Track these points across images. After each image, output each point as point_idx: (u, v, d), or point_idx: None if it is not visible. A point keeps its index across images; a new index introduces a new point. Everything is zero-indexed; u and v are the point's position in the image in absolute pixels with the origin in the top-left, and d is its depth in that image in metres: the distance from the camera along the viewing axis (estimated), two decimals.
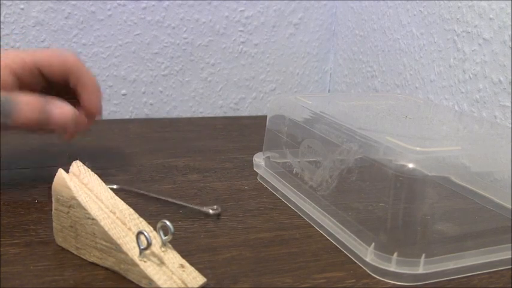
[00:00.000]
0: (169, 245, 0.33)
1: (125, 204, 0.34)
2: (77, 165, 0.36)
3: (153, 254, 0.31)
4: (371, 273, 0.34)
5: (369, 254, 0.34)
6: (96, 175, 0.36)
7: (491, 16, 0.53)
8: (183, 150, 0.60)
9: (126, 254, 0.31)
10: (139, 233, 0.31)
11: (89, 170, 0.36)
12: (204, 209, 0.42)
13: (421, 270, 0.33)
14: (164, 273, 0.31)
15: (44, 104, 0.41)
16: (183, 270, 0.31)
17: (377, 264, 0.34)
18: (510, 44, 0.51)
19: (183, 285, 0.30)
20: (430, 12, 0.63)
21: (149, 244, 0.31)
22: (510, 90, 0.51)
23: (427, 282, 0.34)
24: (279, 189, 0.46)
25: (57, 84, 0.45)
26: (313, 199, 0.42)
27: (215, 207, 0.42)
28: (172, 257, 0.32)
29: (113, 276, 0.32)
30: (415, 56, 0.65)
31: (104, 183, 0.35)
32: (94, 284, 0.31)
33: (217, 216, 0.42)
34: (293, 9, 0.81)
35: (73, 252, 0.34)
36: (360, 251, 0.35)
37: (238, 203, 0.45)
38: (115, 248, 0.31)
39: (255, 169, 0.51)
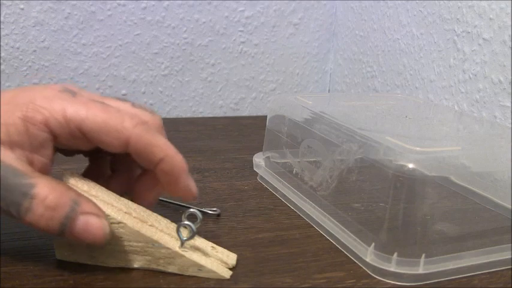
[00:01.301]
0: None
1: (134, 203, 0.34)
2: (70, 174, 0.33)
3: (189, 243, 0.33)
4: (371, 274, 0.34)
5: (368, 254, 0.34)
6: (91, 180, 0.33)
7: (491, 16, 0.53)
8: (183, 150, 0.59)
9: (167, 248, 0.32)
10: (181, 225, 0.32)
11: (82, 176, 0.34)
12: (204, 209, 0.42)
13: (421, 270, 0.33)
14: (206, 257, 0.33)
15: (67, 210, 0.29)
16: (216, 252, 0.34)
17: (377, 265, 0.34)
18: (510, 44, 0.51)
19: (224, 265, 0.33)
20: (430, 12, 0.63)
21: (194, 233, 0.32)
22: (510, 90, 0.51)
23: (427, 282, 0.34)
24: (279, 189, 0.46)
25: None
26: (313, 199, 0.42)
27: (214, 208, 0.42)
28: (203, 242, 0.34)
29: (112, 276, 0.32)
30: (415, 56, 0.65)
31: (103, 187, 0.33)
32: (94, 284, 0.31)
33: (217, 216, 0.42)
34: (293, 9, 0.81)
35: (86, 262, 0.33)
36: (360, 251, 0.35)
37: (238, 203, 0.45)
38: (152, 245, 0.32)
39: (255, 169, 0.51)
